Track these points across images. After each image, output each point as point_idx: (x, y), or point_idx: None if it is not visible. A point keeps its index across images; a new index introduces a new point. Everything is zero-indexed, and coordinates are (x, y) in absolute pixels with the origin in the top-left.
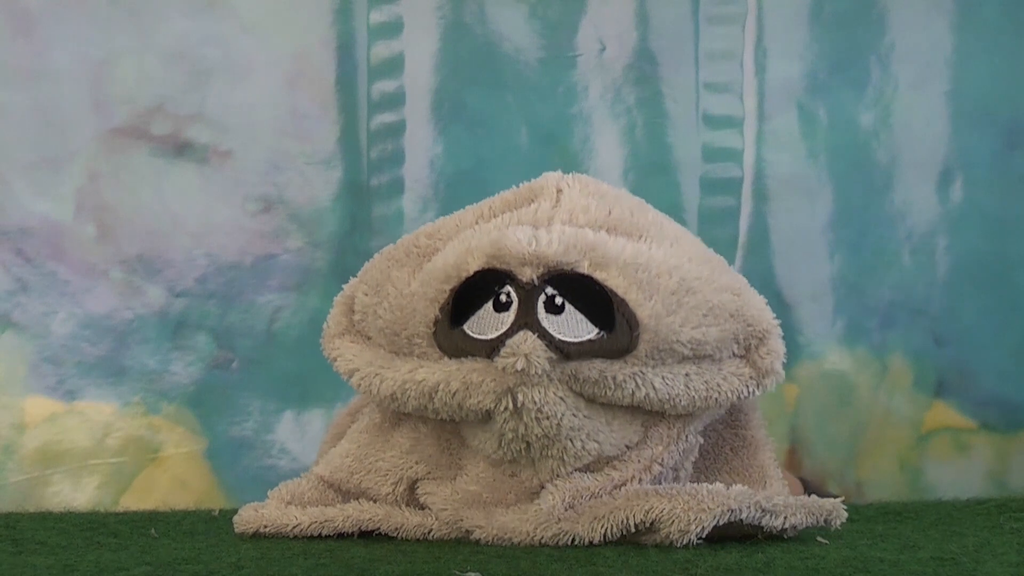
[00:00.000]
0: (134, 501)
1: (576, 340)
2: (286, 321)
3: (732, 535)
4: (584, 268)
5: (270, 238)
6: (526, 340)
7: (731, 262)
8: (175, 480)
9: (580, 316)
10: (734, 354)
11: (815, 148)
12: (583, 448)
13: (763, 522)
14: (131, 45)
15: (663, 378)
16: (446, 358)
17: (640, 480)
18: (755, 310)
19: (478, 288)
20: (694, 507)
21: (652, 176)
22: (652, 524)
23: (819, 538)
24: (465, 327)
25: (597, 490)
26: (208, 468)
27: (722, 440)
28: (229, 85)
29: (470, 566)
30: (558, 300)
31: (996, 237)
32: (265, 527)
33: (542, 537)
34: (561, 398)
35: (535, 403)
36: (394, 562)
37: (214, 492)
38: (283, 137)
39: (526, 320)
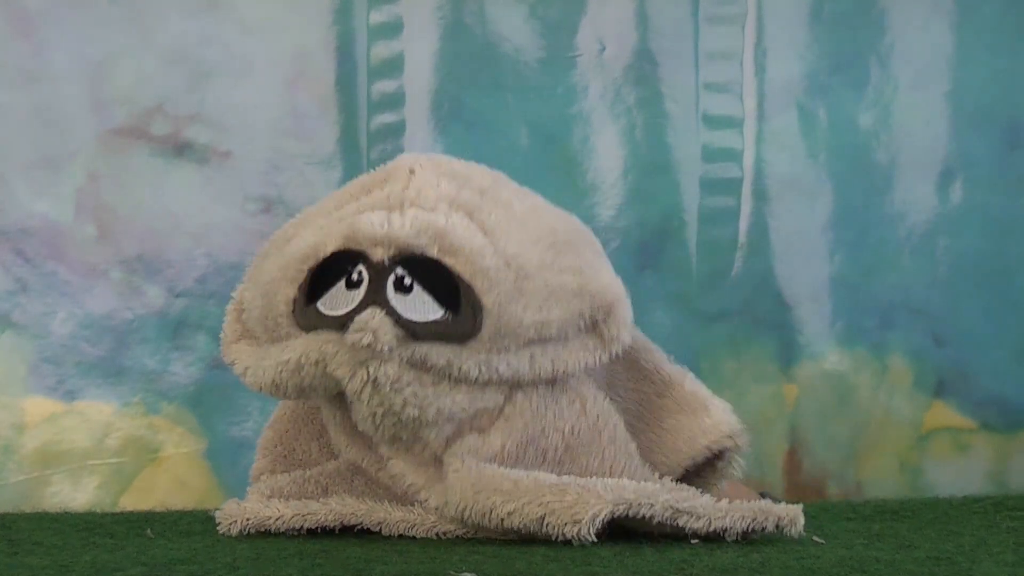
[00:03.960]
0: (134, 501)
1: (423, 320)
2: None
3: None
4: (434, 253)
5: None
6: (374, 316)
7: (731, 262)
8: (175, 480)
9: (428, 297)
10: (580, 329)
11: (815, 148)
12: (451, 410)
13: (680, 522)
14: (131, 45)
15: (507, 363)
16: (305, 335)
17: (520, 412)
18: (599, 285)
19: (333, 268)
20: (584, 498)
21: (652, 176)
22: (547, 519)
23: (815, 538)
24: (319, 304)
25: (491, 453)
26: (208, 468)
27: (644, 394)
28: (229, 85)
29: (465, 566)
30: (407, 280)
31: (996, 237)
32: (248, 520)
33: (468, 521)
34: (411, 373)
35: (387, 376)
36: (389, 562)
37: (214, 492)
38: (283, 137)
39: (375, 298)
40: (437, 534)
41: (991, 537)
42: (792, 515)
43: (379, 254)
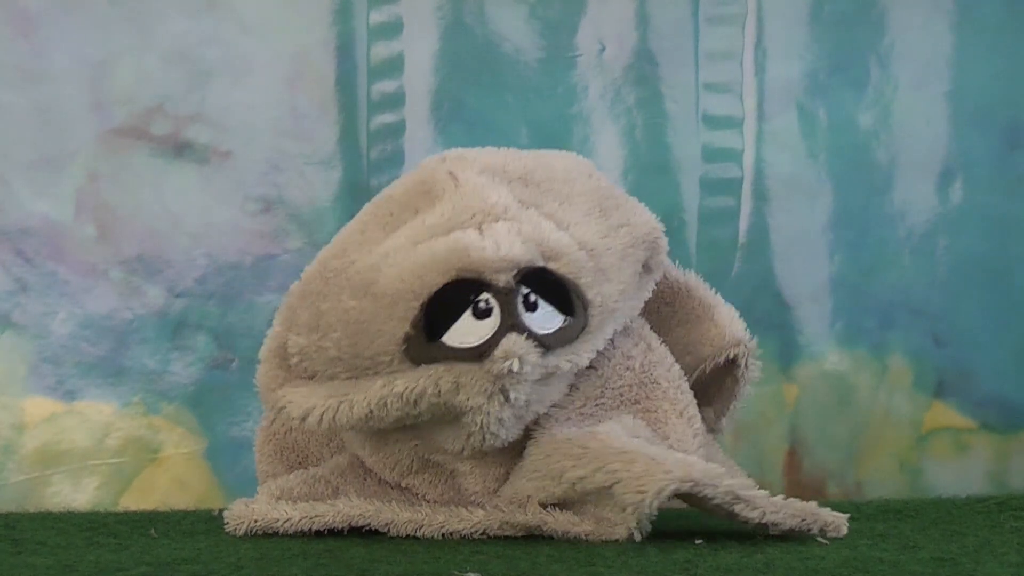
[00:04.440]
0: (134, 501)
1: (552, 331)
2: None
3: (704, 510)
4: (542, 262)
5: (270, 238)
6: (516, 342)
7: (731, 262)
8: (175, 480)
9: (550, 308)
10: (638, 273)
11: (815, 148)
12: (558, 396)
13: (736, 509)
14: (131, 45)
15: (604, 336)
16: (422, 365)
17: (595, 365)
18: (643, 227)
19: (449, 301)
20: (652, 469)
21: (652, 176)
22: (612, 487)
23: (819, 538)
24: (444, 340)
25: (572, 409)
26: (208, 468)
27: (650, 303)
28: (229, 85)
29: (470, 566)
30: (532, 298)
31: (996, 237)
32: (256, 522)
33: (540, 495)
34: (537, 384)
35: (524, 396)
36: (394, 562)
37: (214, 492)
38: (283, 137)
39: (511, 323)
40: (444, 535)
41: (995, 537)
42: (838, 523)
43: (503, 279)
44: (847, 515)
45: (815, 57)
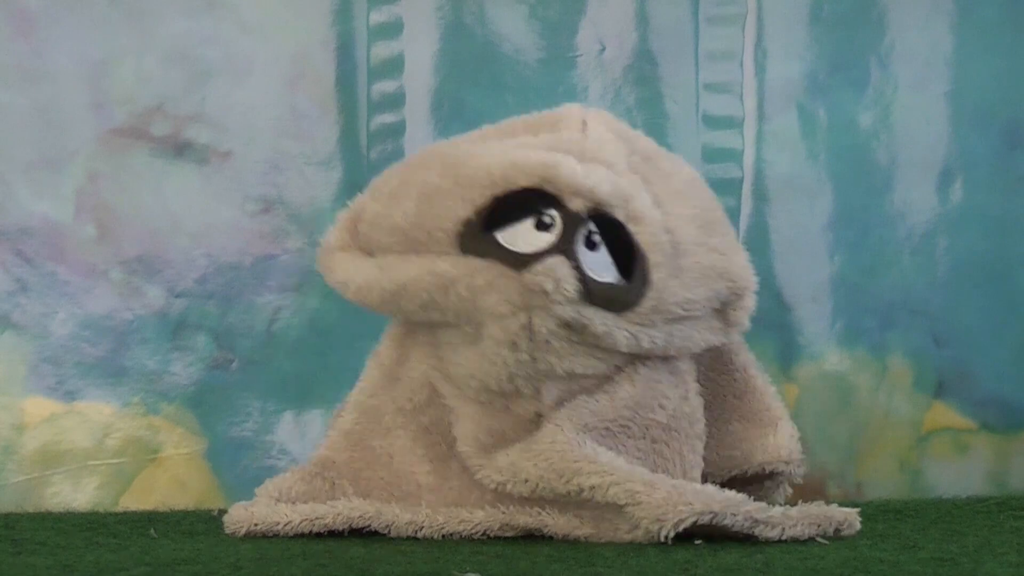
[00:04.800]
0: (134, 501)
1: (600, 280)
2: (286, 322)
3: (724, 536)
4: (622, 217)
5: (270, 238)
6: (562, 265)
7: None
8: (175, 481)
9: (609, 259)
10: (712, 310)
11: (815, 148)
12: (584, 368)
13: (756, 531)
14: (131, 45)
15: (651, 339)
16: (470, 255)
17: (632, 381)
18: (739, 269)
19: (520, 203)
20: (674, 499)
21: None
22: (629, 507)
23: (819, 538)
24: (497, 235)
25: (598, 418)
26: (208, 469)
27: (721, 389)
28: (229, 85)
29: (469, 566)
30: (596, 238)
31: (996, 237)
32: (256, 525)
33: (538, 484)
34: (564, 331)
35: (544, 328)
36: (393, 562)
37: (214, 493)
38: (283, 137)
39: (566, 247)
40: (443, 535)
41: (995, 537)
42: (850, 519)
43: (577, 204)
44: (857, 508)
45: (815, 57)
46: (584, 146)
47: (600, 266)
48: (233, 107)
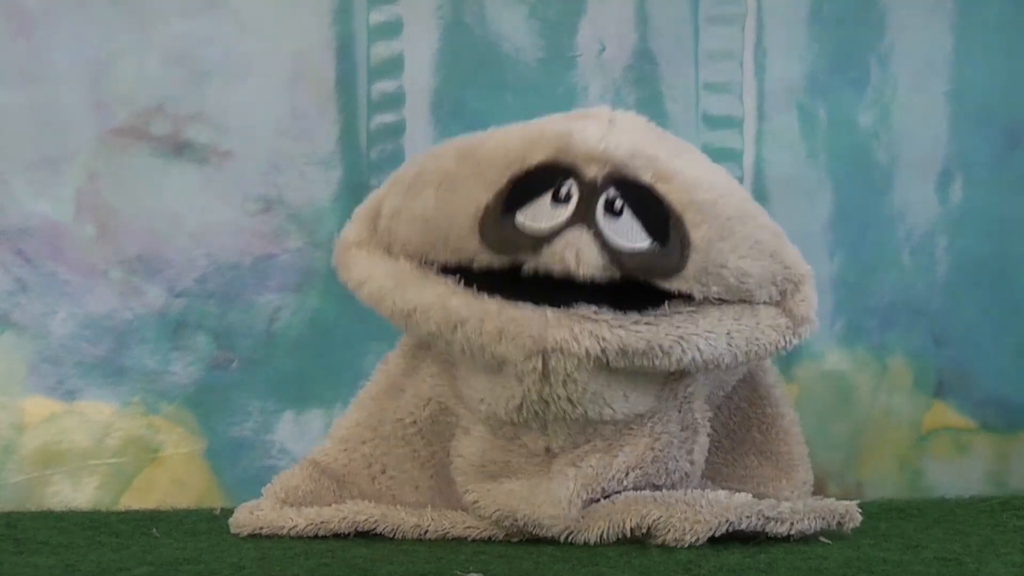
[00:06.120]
0: (133, 501)
1: (630, 247)
2: (286, 321)
3: (734, 537)
4: (647, 179)
5: (270, 238)
6: (581, 235)
7: None
8: (175, 480)
9: (637, 224)
10: (770, 299)
11: (815, 148)
12: (599, 415)
13: (767, 528)
14: (131, 45)
15: (707, 339)
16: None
17: (651, 450)
18: (792, 255)
19: (538, 180)
20: (691, 517)
21: None
22: (648, 531)
23: (822, 538)
24: (517, 215)
25: (607, 478)
26: (208, 468)
27: (747, 420)
28: (229, 85)
29: (472, 566)
30: (618, 203)
31: (996, 237)
32: (261, 529)
33: (551, 528)
34: (588, 367)
35: (566, 369)
36: (396, 562)
37: (214, 492)
38: (283, 137)
39: (584, 217)
40: (446, 538)
41: (998, 537)
42: (851, 511)
43: (593, 171)
44: (856, 500)
45: (815, 57)
46: (611, 123)
47: (627, 232)
48: (233, 107)
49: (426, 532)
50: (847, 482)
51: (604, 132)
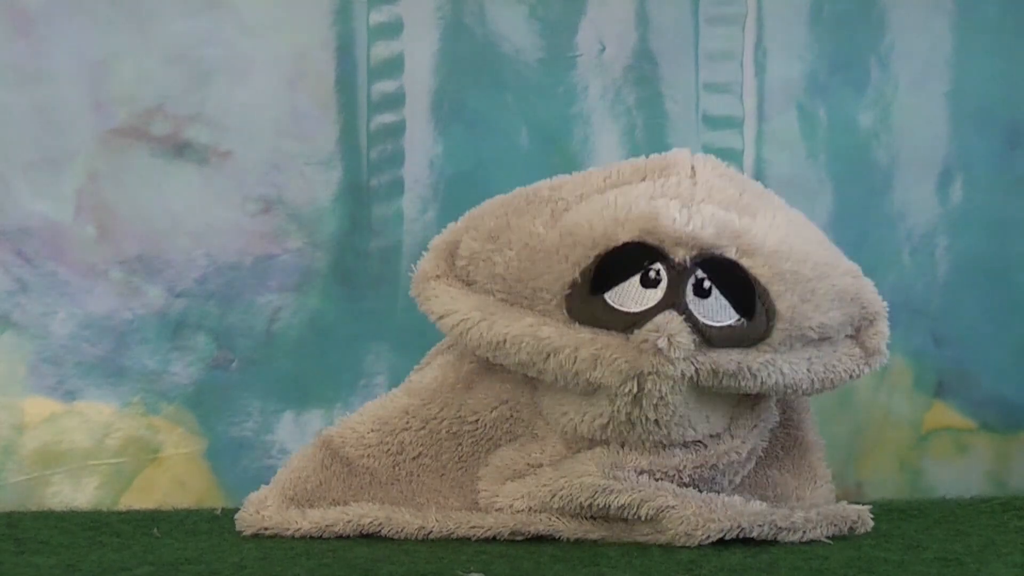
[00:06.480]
0: (134, 501)
1: (718, 325)
2: (286, 321)
3: (739, 540)
4: (732, 254)
5: (270, 238)
6: (672, 320)
7: None
8: (175, 481)
9: (724, 302)
10: (848, 335)
11: (815, 148)
12: (681, 436)
13: (779, 538)
14: (131, 45)
15: (790, 364)
16: (575, 324)
17: (717, 465)
18: (870, 293)
19: (625, 260)
20: (704, 515)
21: None
22: (661, 520)
23: (823, 538)
24: (606, 297)
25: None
26: (208, 468)
27: (775, 439)
28: (229, 85)
29: (473, 566)
30: (706, 284)
31: (996, 237)
32: (266, 530)
33: (578, 497)
34: (682, 389)
35: (660, 392)
36: (397, 562)
37: (214, 492)
38: (283, 137)
39: (674, 300)
40: (450, 538)
41: (999, 537)
42: (863, 517)
43: (681, 254)
44: (868, 505)
45: (815, 57)
46: (692, 191)
47: (715, 311)
48: (233, 107)
49: (430, 533)
50: (847, 482)
51: (688, 207)
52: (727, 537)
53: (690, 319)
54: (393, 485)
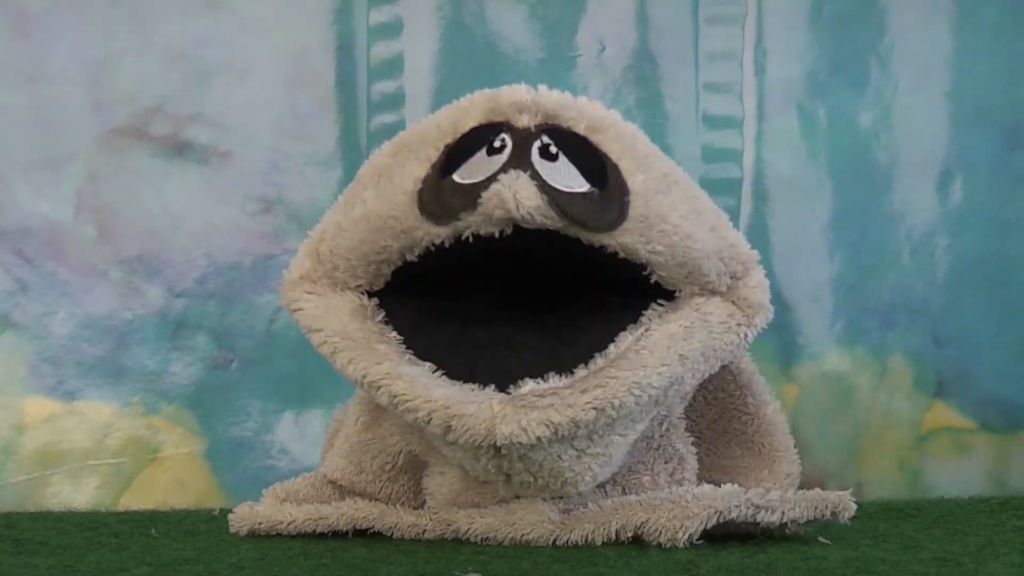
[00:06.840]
0: (133, 502)
1: (568, 190)
2: (286, 321)
3: (729, 532)
4: (580, 129)
5: (270, 238)
6: (517, 177)
7: None
8: (175, 481)
9: (574, 169)
10: (719, 282)
11: (815, 148)
12: (562, 487)
13: (758, 518)
14: (131, 45)
15: (659, 373)
16: (427, 221)
17: (633, 495)
18: (735, 236)
19: (473, 142)
20: (679, 515)
21: None
22: (636, 534)
23: (821, 538)
24: (454, 176)
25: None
26: (208, 468)
27: (727, 410)
28: (229, 85)
29: (471, 566)
30: (553, 149)
31: (996, 237)
32: (260, 523)
33: (535, 536)
34: (548, 444)
35: (519, 452)
36: (395, 562)
37: (214, 493)
38: (283, 137)
39: (519, 162)
40: (446, 538)
41: (997, 537)
42: (844, 501)
43: (524, 120)
44: (848, 490)
45: (815, 57)
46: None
47: (564, 175)
48: (233, 107)
49: (424, 531)
50: (847, 482)
51: (534, 88)
52: (708, 526)
53: (536, 178)
54: (383, 495)
